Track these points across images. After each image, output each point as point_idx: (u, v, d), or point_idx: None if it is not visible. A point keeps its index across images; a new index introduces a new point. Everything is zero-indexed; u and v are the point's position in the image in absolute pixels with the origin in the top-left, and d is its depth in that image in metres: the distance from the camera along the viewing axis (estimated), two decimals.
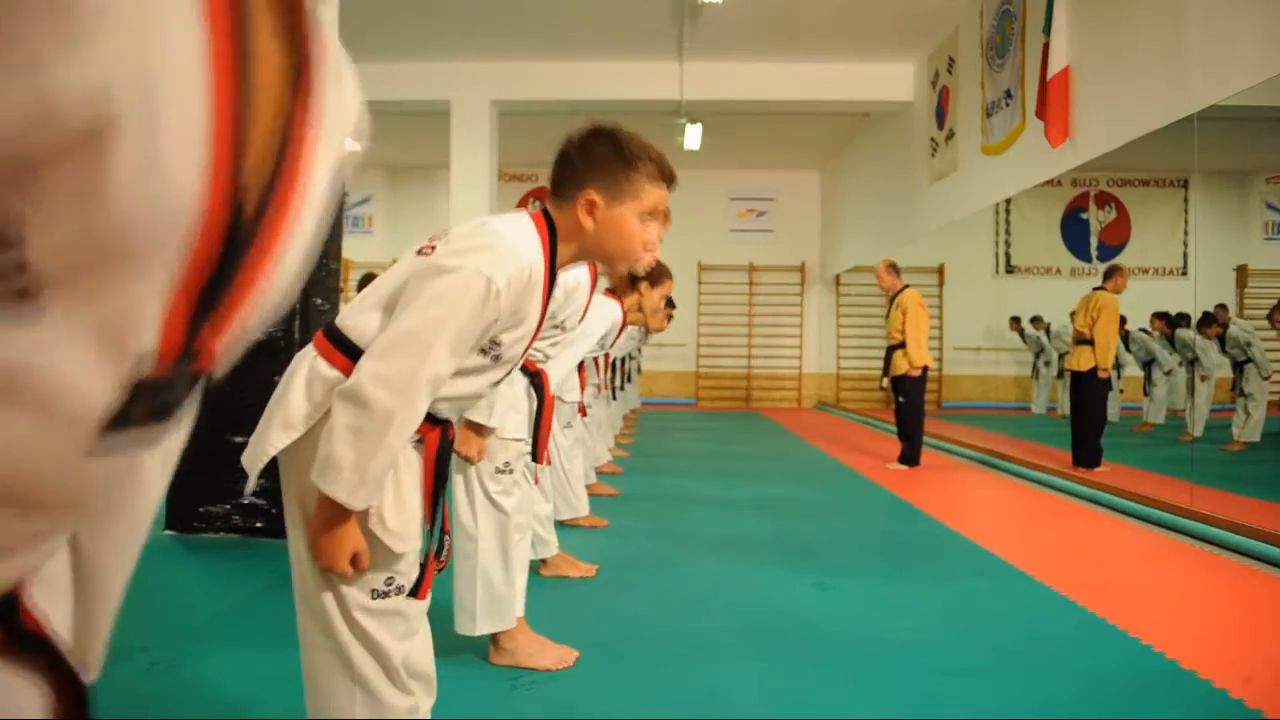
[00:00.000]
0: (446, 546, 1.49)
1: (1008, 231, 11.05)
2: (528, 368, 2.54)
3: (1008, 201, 9.42)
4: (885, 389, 6.70)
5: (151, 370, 0.32)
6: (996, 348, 11.78)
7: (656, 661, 2.37)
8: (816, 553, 3.69)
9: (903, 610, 2.87)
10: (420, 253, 1.39)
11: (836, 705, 2.10)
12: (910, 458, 6.39)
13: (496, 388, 1.53)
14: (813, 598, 3.01)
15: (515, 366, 1.48)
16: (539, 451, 2.52)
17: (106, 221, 0.28)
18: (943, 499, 5.19)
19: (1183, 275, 9.47)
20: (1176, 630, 2.68)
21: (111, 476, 0.35)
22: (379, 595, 1.33)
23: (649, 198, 1.41)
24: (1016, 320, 11.24)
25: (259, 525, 3.82)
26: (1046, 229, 10.65)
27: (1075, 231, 10.43)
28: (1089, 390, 6.08)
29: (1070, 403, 6.34)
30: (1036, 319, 10.87)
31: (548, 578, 3.20)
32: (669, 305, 4.87)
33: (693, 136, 9.22)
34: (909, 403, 6.30)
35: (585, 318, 2.72)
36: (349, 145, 0.40)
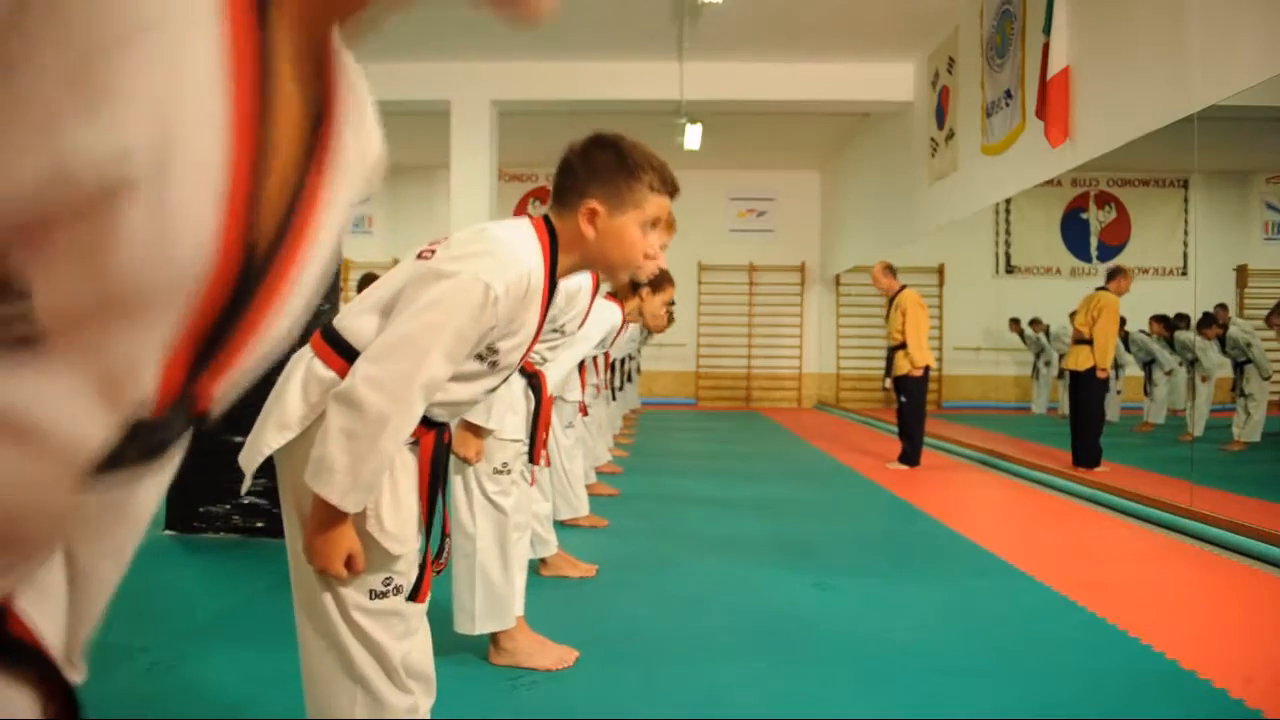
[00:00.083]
0: (446, 549, 1.49)
1: (1008, 231, 11.05)
2: (526, 369, 2.53)
3: (1008, 201, 9.42)
4: (888, 390, 6.70)
5: (148, 413, 0.32)
6: (996, 348, 11.77)
7: (656, 661, 2.37)
8: (816, 553, 3.69)
9: (903, 610, 2.87)
10: (420, 257, 1.39)
11: (836, 705, 2.10)
12: (910, 458, 6.39)
13: (494, 392, 1.53)
14: (813, 598, 3.01)
15: (512, 373, 1.47)
16: (535, 453, 2.51)
17: (113, 279, 0.27)
18: (943, 499, 5.19)
19: (1183, 275, 9.47)
20: (1176, 630, 2.68)
21: (104, 506, 0.35)
22: (377, 596, 1.33)
23: (651, 207, 1.40)
24: (1016, 322, 11.23)
25: (259, 525, 3.82)
26: (1046, 229, 10.65)
27: (1075, 231, 10.43)
28: (1086, 389, 6.08)
29: (1069, 402, 6.35)
30: (1035, 321, 10.87)
31: (547, 578, 3.20)
32: (669, 310, 4.86)
33: (693, 136, 9.21)
34: (911, 403, 6.30)
35: (585, 323, 2.71)
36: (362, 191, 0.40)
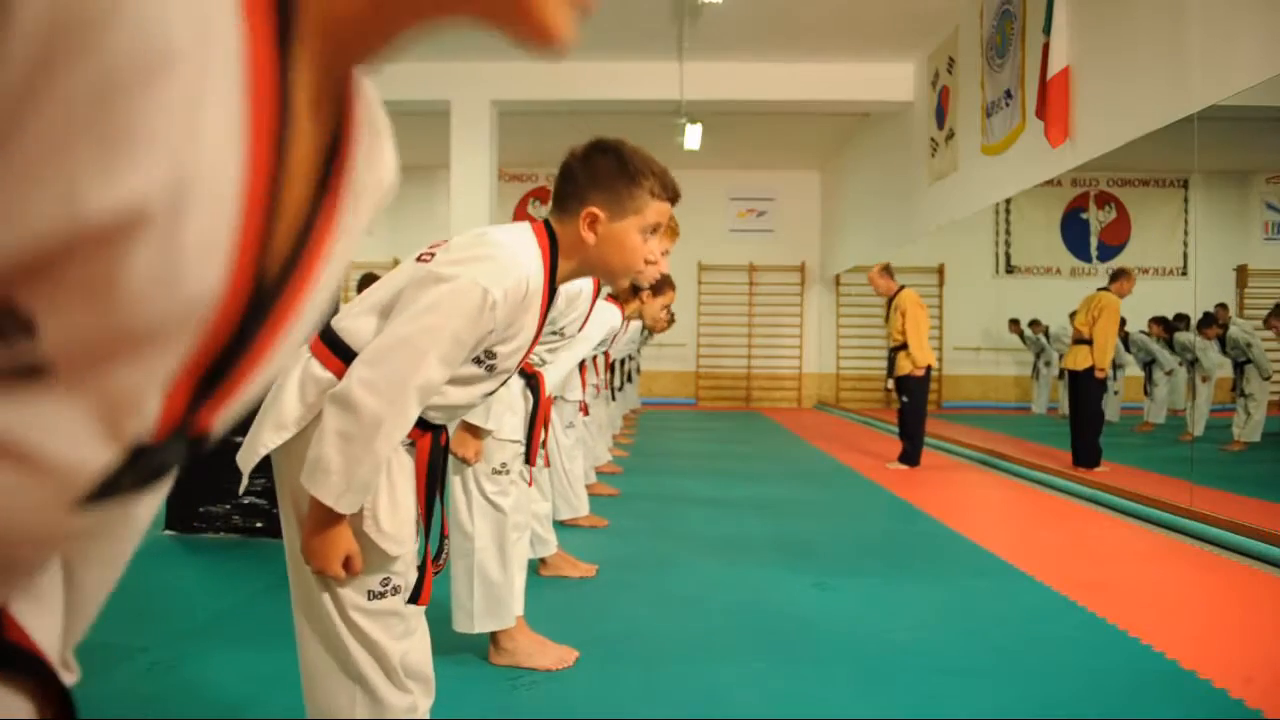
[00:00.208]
0: (445, 551, 1.49)
1: (1008, 231, 11.05)
2: (524, 370, 2.53)
3: (1008, 201, 9.41)
4: (890, 390, 6.69)
5: (149, 440, 0.32)
6: (996, 348, 11.77)
7: (656, 661, 2.37)
8: (816, 553, 3.69)
9: (903, 610, 2.87)
10: (420, 260, 1.39)
11: (836, 705, 2.10)
12: (911, 457, 6.39)
13: (493, 394, 1.52)
14: (813, 598, 3.01)
15: (510, 377, 1.47)
16: (531, 454, 2.50)
17: (121, 314, 0.27)
18: (943, 499, 5.19)
19: (1183, 275, 9.47)
20: (1176, 630, 2.67)
21: (99, 523, 0.35)
22: (375, 596, 1.33)
23: (651, 213, 1.40)
24: (1016, 323, 11.23)
25: (259, 525, 3.82)
26: (1046, 229, 10.65)
27: (1075, 231, 10.43)
28: (1085, 389, 6.09)
29: (1069, 402, 6.35)
30: (1035, 322, 10.86)
31: (547, 578, 3.20)
32: (669, 313, 4.86)
33: (693, 136, 9.21)
34: (912, 403, 6.30)
35: (585, 326, 2.71)
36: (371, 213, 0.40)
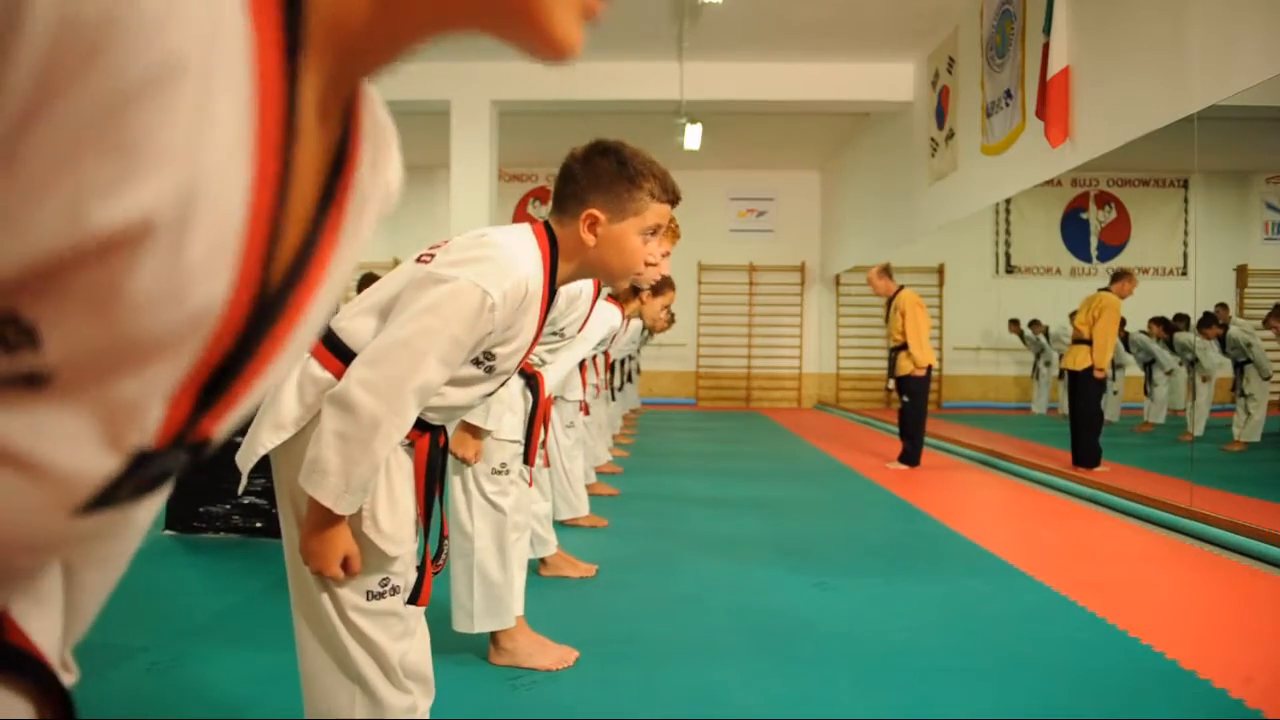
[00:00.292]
0: (445, 552, 1.49)
1: (1008, 231, 11.05)
2: (524, 370, 2.53)
3: (1008, 201, 9.42)
4: (891, 390, 6.69)
5: (149, 447, 0.32)
6: (996, 348, 11.77)
7: (656, 661, 2.37)
8: (816, 553, 3.69)
9: (902, 610, 2.87)
10: (420, 261, 1.39)
11: (836, 705, 2.10)
12: (911, 457, 6.39)
13: (493, 395, 1.52)
14: (813, 598, 3.01)
15: (509, 378, 1.47)
16: (530, 454, 2.50)
17: (124, 324, 0.27)
18: (943, 499, 5.19)
19: (1183, 275, 9.47)
20: (1176, 630, 2.68)
21: (99, 528, 0.35)
22: (374, 597, 1.33)
23: (651, 215, 1.40)
24: (1015, 323, 11.23)
25: (259, 525, 3.82)
26: (1046, 229, 10.65)
27: (1075, 231, 10.43)
28: (1083, 389, 6.09)
29: (1069, 402, 6.35)
30: (1035, 322, 10.87)
31: (547, 578, 3.20)
32: (669, 313, 4.86)
33: (693, 136, 9.21)
34: (914, 403, 6.30)
35: (586, 326, 2.71)
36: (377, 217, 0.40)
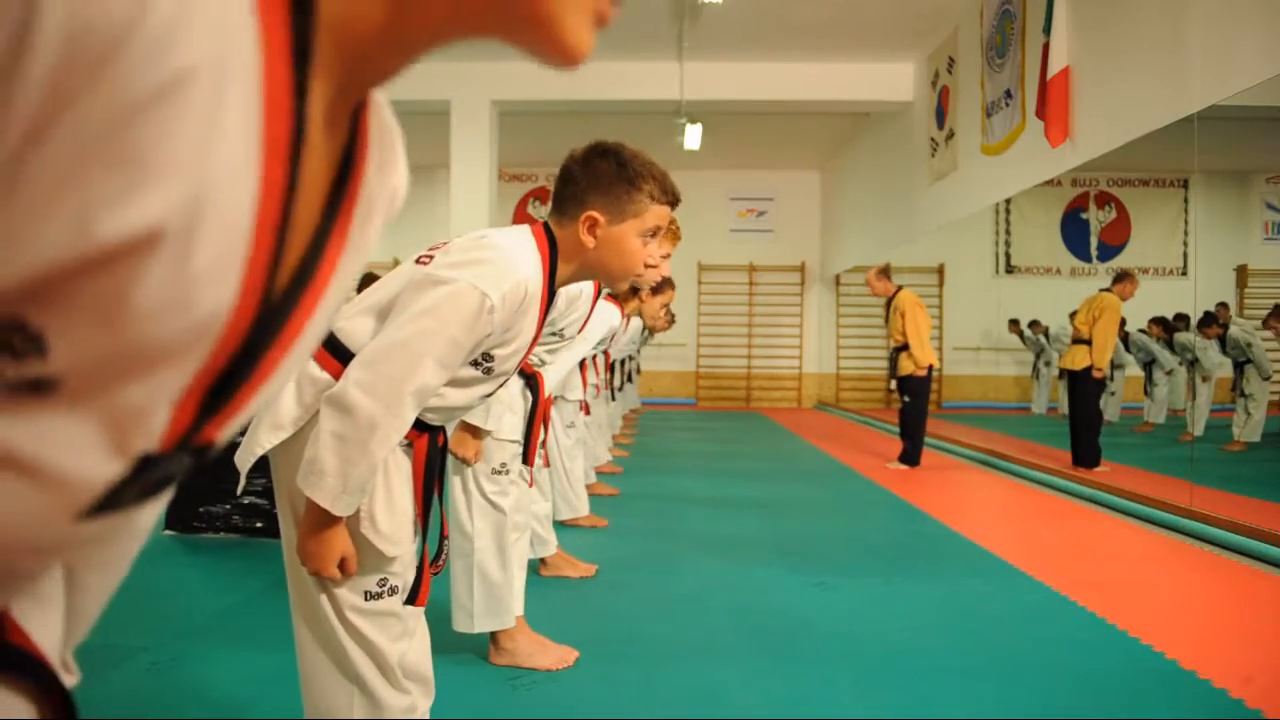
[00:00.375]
0: (444, 553, 1.49)
1: (1008, 231, 11.06)
2: (524, 370, 2.53)
3: (1008, 201, 9.42)
4: (893, 391, 6.69)
5: (153, 452, 0.32)
6: (996, 348, 11.77)
7: (656, 661, 2.37)
8: (816, 553, 3.69)
9: (902, 610, 2.87)
10: (419, 262, 1.39)
11: (836, 705, 2.10)
12: (911, 457, 6.39)
13: (492, 395, 1.52)
14: (813, 598, 3.01)
15: (508, 379, 1.47)
16: (529, 454, 2.50)
17: (130, 332, 0.27)
18: (943, 499, 5.19)
19: (1183, 275, 9.48)
20: (1176, 630, 2.68)
21: (102, 531, 0.35)
22: (372, 597, 1.33)
23: (651, 217, 1.40)
24: (1015, 323, 11.23)
25: (259, 525, 3.81)
26: (1046, 229, 10.66)
27: (1075, 231, 10.43)
28: (1082, 389, 6.09)
29: (1069, 402, 6.35)
30: (1035, 323, 10.87)
31: (547, 578, 3.20)
32: (668, 312, 4.86)
33: (693, 136, 9.21)
34: (915, 403, 6.30)
35: (586, 327, 2.71)
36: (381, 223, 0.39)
